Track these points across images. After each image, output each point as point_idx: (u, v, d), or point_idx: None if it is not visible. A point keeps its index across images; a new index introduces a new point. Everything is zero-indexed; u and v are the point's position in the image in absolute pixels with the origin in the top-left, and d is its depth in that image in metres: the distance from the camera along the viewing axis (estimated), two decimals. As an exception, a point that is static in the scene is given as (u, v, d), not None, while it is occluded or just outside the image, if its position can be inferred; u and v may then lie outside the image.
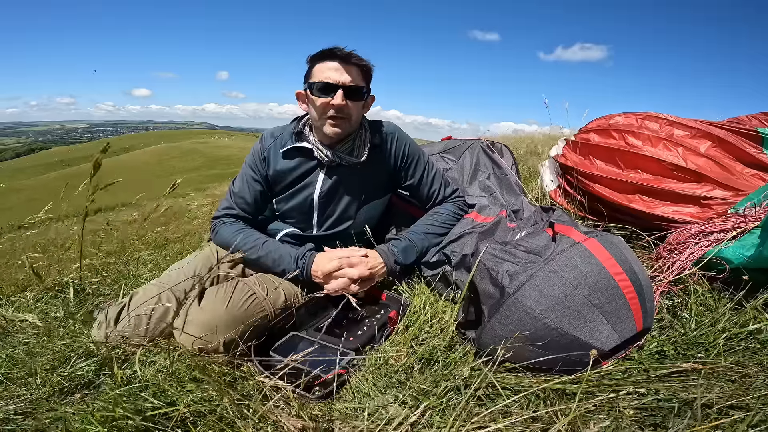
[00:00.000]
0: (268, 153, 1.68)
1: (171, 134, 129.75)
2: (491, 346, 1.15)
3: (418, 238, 1.68)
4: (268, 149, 1.68)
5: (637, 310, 1.12)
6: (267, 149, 1.68)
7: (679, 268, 1.53)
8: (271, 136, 1.71)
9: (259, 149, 1.70)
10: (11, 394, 1.17)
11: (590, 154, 2.31)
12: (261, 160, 1.69)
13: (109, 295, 2.02)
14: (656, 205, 1.96)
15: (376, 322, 1.41)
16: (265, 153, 1.68)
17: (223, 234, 1.66)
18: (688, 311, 1.38)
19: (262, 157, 1.68)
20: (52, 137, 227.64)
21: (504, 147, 2.38)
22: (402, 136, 1.75)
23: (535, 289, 1.11)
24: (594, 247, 1.16)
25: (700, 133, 2.01)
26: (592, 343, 1.08)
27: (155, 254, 2.88)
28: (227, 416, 0.98)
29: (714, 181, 1.85)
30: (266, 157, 1.68)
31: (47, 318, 1.68)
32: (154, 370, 1.18)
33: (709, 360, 1.12)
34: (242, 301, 1.35)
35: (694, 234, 1.64)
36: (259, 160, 1.69)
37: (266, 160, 1.68)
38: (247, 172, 1.71)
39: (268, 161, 1.68)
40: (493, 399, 1.06)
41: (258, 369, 1.20)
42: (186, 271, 1.54)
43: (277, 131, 1.72)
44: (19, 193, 35.03)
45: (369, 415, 1.02)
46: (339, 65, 1.53)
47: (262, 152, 1.69)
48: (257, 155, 1.69)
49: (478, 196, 1.99)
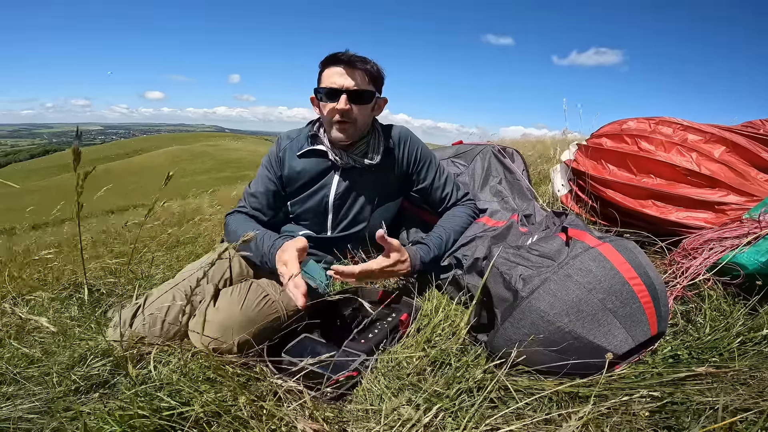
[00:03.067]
0: (284, 154, 1.70)
1: (182, 137, 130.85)
2: (504, 349, 1.15)
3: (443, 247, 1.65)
4: (284, 150, 1.71)
5: (652, 314, 1.12)
6: (282, 150, 1.71)
7: (693, 274, 1.52)
8: (287, 138, 1.73)
9: (275, 151, 1.72)
10: (27, 392, 1.18)
11: (602, 158, 2.30)
12: (276, 161, 1.71)
13: (122, 295, 2.04)
14: (670, 210, 1.94)
15: (388, 324, 1.41)
16: (280, 154, 1.71)
17: (230, 224, 1.67)
18: (702, 316, 1.37)
19: (277, 158, 1.71)
20: (66, 139, 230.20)
21: (515, 152, 2.38)
22: (414, 139, 1.77)
23: (549, 292, 1.11)
24: (608, 252, 1.15)
25: (714, 138, 2.00)
26: (606, 347, 1.07)
27: (167, 255, 2.91)
28: (242, 417, 0.99)
29: (728, 187, 1.83)
30: (281, 158, 1.70)
31: (62, 318, 1.70)
32: (169, 370, 1.19)
33: (724, 364, 1.12)
34: (256, 302, 1.36)
35: (708, 239, 1.63)
36: (274, 161, 1.71)
37: (281, 161, 1.70)
38: (262, 172, 1.74)
39: (283, 162, 1.70)
40: (505, 402, 1.05)
41: (271, 370, 1.20)
42: (199, 273, 1.55)
43: (293, 134, 1.74)
44: (33, 194, 35.46)
45: (382, 417, 1.02)
46: (343, 70, 1.55)
47: (277, 153, 1.71)
48: (273, 156, 1.72)
49: (489, 200, 1.99)
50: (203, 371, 1.15)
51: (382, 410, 1.04)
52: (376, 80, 1.63)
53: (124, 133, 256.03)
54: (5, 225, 7.74)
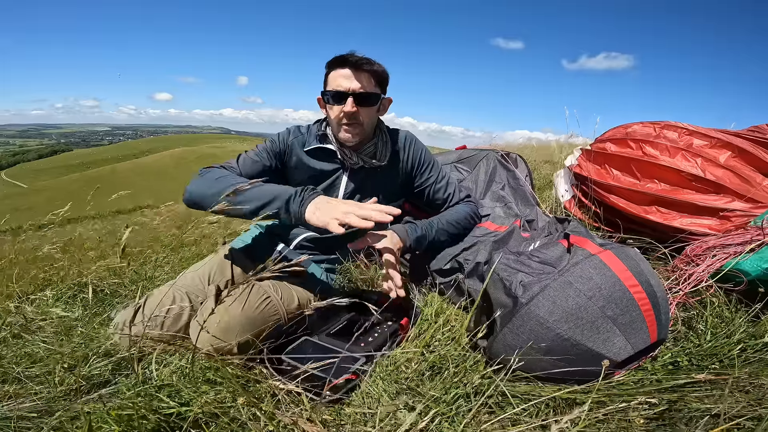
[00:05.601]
0: (292, 143, 1.71)
1: (188, 138, 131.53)
2: (503, 355, 1.15)
3: (432, 231, 1.67)
4: (293, 141, 1.71)
5: (652, 322, 1.11)
6: (292, 140, 1.72)
7: (696, 280, 1.51)
8: (298, 131, 1.74)
9: (285, 136, 1.73)
10: (29, 392, 1.19)
11: (606, 163, 2.29)
12: (284, 144, 1.71)
13: (126, 296, 2.05)
14: (674, 216, 1.93)
15: (388, 328, 1.41)
16: (289, 141, 1.71)
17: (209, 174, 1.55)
18: (703, 323, 1.37)
19: (285, 144, 1.71)
20: (74, 139, 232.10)
21: (518, 157, 2.38)
22: (418, 142, 1.80)
23: (548, 299, 1.11)
24: (609, 259, 1.15)
25: (720, 143, 1.98)
26: (605, 354, 1.07)
27: (171, 256, 2.92)
28: (240, 418, 0.99)
29: (733, 193, 1.82)
30: (290, 146, 1.71)
31: (66, 317, 1.71)
32: (169, 371, 1.19)
33: (723, 371, 1.11)
34: (257, 304, 1.36)
35: (712, 246, 1.62)
36: (281, 143, 1.72)
37: (289, 148, 1.71)
38: (262, 146, 1.73)
39: (291, 149, 1.71)
40: (503, 407, 1.05)
41: (270, 372, 1.21)
42: (201, 274, 1.56)
43: (303, 128, 1.76)
44: (39, 193, 35.72)
45: (379, 420, 1.02)
46: (350, 72, 1.55)
47: (286, 140, 1.72)
48: (281, 140, 1.72)
49: (492, 206, 1.99)
50: (203, 372, 1.16)
51: (380, 414, 1.04)
52: (382, 81, 1.64)
53: (132, 134, 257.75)
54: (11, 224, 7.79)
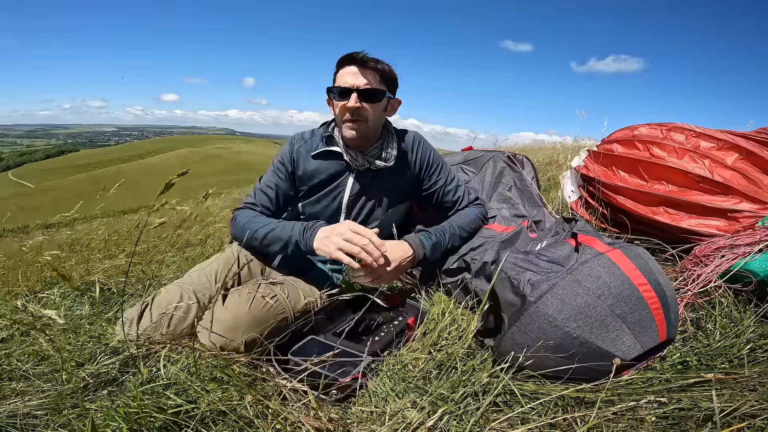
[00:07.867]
0: (298, 154, 1.71)
1: (194, 139, 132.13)
2: (511, 353, 1.15)
3: (447, 238, 1.68)
4: (298, 150, 1.71)
5: (661, 320, 1.11)
6: (296, 151, 1.71)
7: (705, 281, 1.50)
8: (302, 138, 1.74)
9: (288, 150, 1.72)
10: (36, 389, 1.19)
11: (613, 165, 2.28)
12: (289, 161, 1.71)
13: (133, 294, 2.05)
14: (682, 217, 1.92)
15: (394, 328, 1.41)
16: (294, 154, 1.71)
17: (240, 219, 1.66)
18: (712, 323, 1.36)
19: (290, 158, 1.71)
20: (81, 140, 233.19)
21: (525, 159, 2.37)
22: (426, 143, 1.79)
23: (557, 297, 1.10)
24: (618, 258, 1.15)
25: (728, 145, 1.97)
26: (614, 353, 1.07)
27: (177, 256, 2.93)
28: (247, 416, 0.99)
29: (741, 194, 1.81)
30: (295, 158, 1.71)
31: (72, 315, 1.71)
32: (177, 369, 1.20)
33: (733, 371, 1.10)
34: (264, 303, 1.36)
35: (720, 247, 1.61)
36: (287, 160, 1.72)
37: (295, 161, 1.71)
38: (274, 170, 1.74)
39: (296, 162, 1.71)
40: (511, 406, 1.05)
41: (277, 370, 1.21)
42: (207, 273, 1.57)
43: (307, 134, 1.75)
44: (46, 193, 35.95)
45: (386, 419, 1.02)
46: (356, 69, 1.56)
47: (291, 152, 1.71)
48: (286, 155, 1.72)
49: (498, 207, 1.98)
50: (210, 370, 1.16)
51: (387, 412, 1.04)
52: (389, 80, 1.64)
53: (138, 135, 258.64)
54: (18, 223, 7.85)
